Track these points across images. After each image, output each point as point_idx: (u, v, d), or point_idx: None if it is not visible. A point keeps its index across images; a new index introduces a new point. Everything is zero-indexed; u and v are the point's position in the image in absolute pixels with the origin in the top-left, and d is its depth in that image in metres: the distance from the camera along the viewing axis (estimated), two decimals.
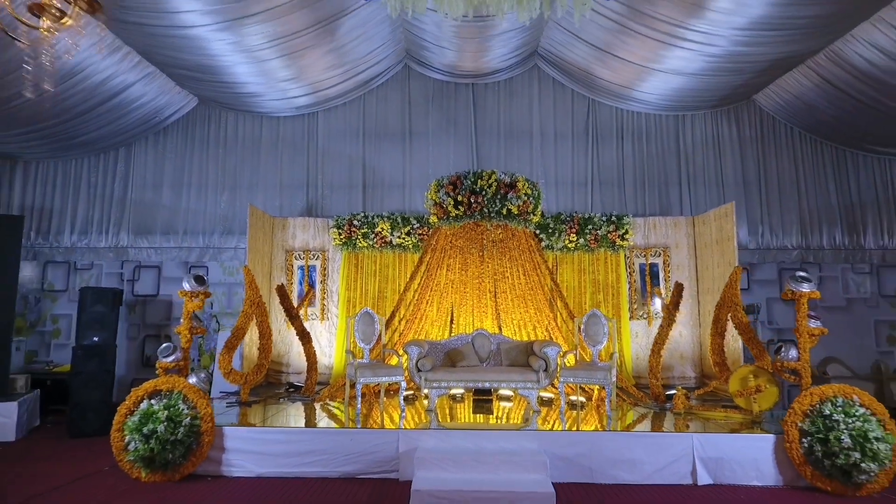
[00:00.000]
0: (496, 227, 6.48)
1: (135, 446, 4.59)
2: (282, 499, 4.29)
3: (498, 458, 4.54)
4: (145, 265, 8.69)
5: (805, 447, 4.50)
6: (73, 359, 6.51)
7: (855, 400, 4.57)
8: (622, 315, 7.59)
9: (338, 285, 7.93)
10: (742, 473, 4.65)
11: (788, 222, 8.50)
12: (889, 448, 4.38)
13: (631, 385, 6.84)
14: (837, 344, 8.15)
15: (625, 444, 4.78)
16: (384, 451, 4.79)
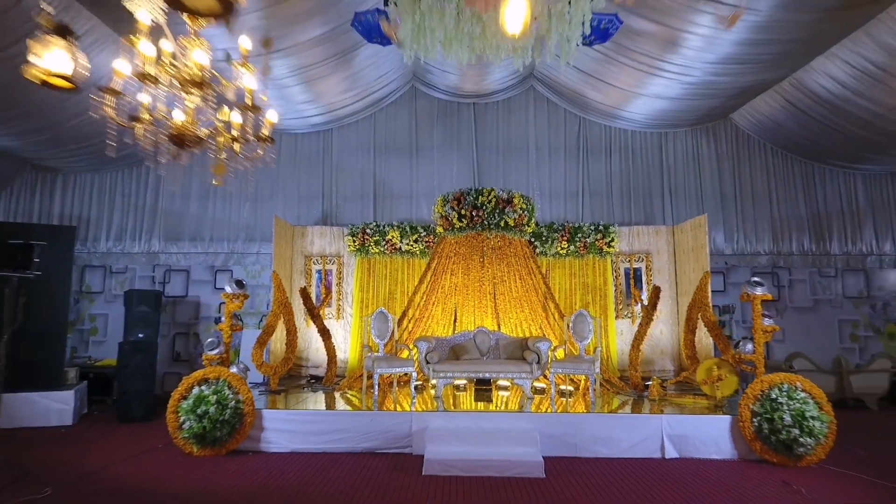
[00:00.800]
0: (495, 237, 7.35)
1: (189, 425, 5.43)
2: (314, 469, 5.12)
3: (496, 435, 5.38)
4: (175, 269, 9.52)
5: (755, 426, 5.34)
6: (120, 353, 7.32)
7: (798, 386, 5.40)
8: (608, 315, 8.41)
9: (352, 287, 8.75)
10: (703, 448, 5.49)
11: (761, 230, 9.33)
12: (824, 426, 5.22)
13: (616, 377, 7.69)
14: (804, 341, 9.04)
15: (604, 424, 5.62)
16: (399, 430, 5.63)
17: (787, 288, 9.30)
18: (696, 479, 4.88)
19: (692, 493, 4.52)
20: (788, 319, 9.19)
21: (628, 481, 4.82)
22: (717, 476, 4.99)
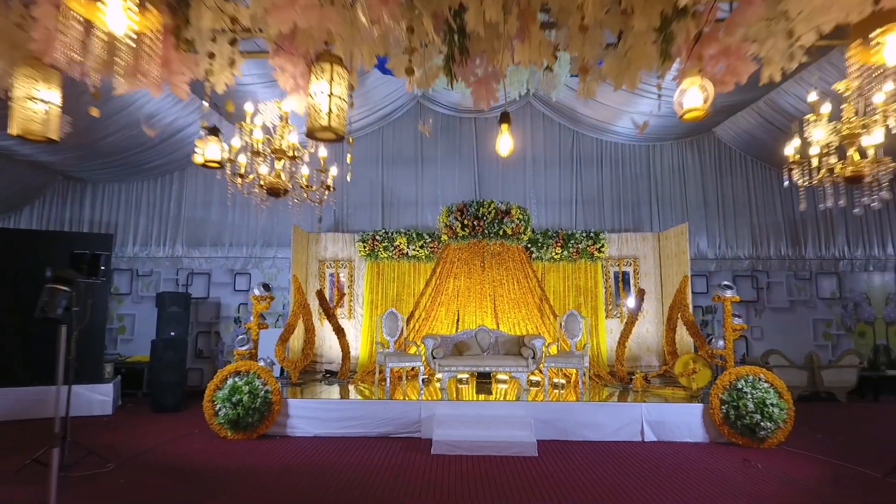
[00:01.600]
0: (494, 244, 8.08)
1: (225, 412, 6.15)
2: (335, 451, 5.84)
3: (495, 421, 6.11)
4: (197, 272, 10.24)
5: (723, 412, 6.06)
6: (153, 350, 8.05)
7: (761, 377, 6.13)
8: (599, 315, 9.14)
9: (363, 290, 9.47)
10: (678, 433, 6.22)
11: (742, 236, 10.06)
12: (783, 412, 5.94)
13: (605, 371, 8.42)
14: (781, 339, 9.77)
15: (591, 412, 6.35)
16: (409, 417, 6.35)
17: (766, 290, 10.03)
18: (671, 459, 5.60)
19: (666, 471, 5.23)
20: (766, 319, 9.93)
21: (611, 461, 5.53)
22: (688, 456, 5.71)
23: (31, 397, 7.22)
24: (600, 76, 2.45)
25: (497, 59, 2.10)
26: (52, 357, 3.05)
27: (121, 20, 1.31)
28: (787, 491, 4.64)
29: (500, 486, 4.71)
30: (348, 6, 1.67)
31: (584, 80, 2.42)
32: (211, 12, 1.65)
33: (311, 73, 1.86)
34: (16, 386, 7.24)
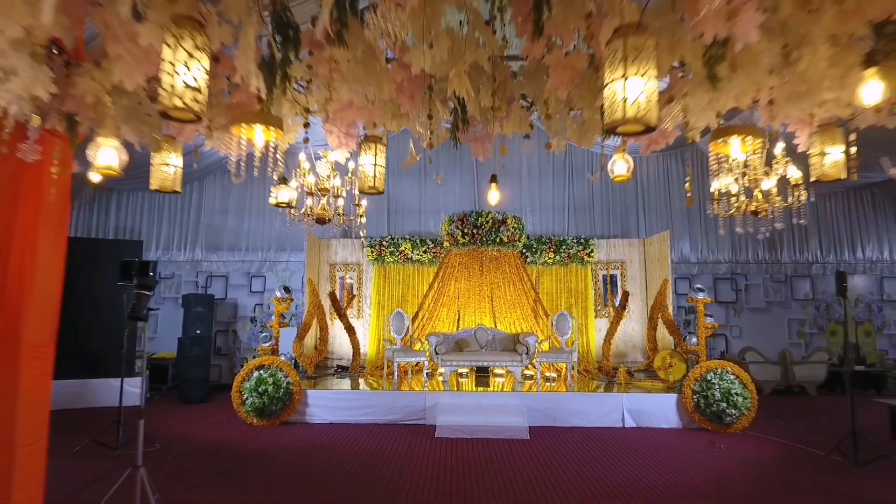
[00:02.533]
0: (492, 250, 8.85)
1: (252, 401, 6.92)
2: (350, 435, 6.60)
3: (492, 409, 6.88)
4: (216, 275, 11.01)
5: (694, 401, 6.83)
6: (180, 347, 8.81)
7: (728, 370, 6.89)
8: (589, 314, 9.90)
9: (370, 291, 10.23)
10: (655, 419, 6.99)
11: (722, 241, 10.83)
12: (747, 401, 6.71)
13: (594, 366, 9.19)
14: (758, 337, 10.54)
15: (578, 401, 7.12)
16: (415, 406, 7.12)
17: (744, 291, 10.80)
18: (647, 442, 6.36)
19: (642, 452, 5.98)
20: (744, 318, 10.70)
21: (594, 443, 6.30)
22: (662, 439, 6.48)
23: (64, 390, 7.98)
24: (566, 138, 3.22)
25: (489, 127, 2.86)
26: (78, 353, 3.72)
27: (261, 137, 2.04)
28: (742, 466, 5.41)
29: (495, 463, 5.47)
30: (387, 102, 2.41)
31: (554, 140, 3.18)
32: (289, 103, 2.39)
33: (361, 148, 2.60)
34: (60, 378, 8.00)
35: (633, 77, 1.40)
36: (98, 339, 8.37)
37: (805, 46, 1.90)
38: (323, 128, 2.74)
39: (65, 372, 8.00)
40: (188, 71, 1.52)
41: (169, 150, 2.78)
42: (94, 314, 8.28)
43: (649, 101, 1.45)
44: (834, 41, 1.86)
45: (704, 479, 4.96)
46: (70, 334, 8.07)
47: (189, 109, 1.53)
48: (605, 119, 1.56)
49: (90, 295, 8.33)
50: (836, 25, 1.79)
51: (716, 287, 10.78)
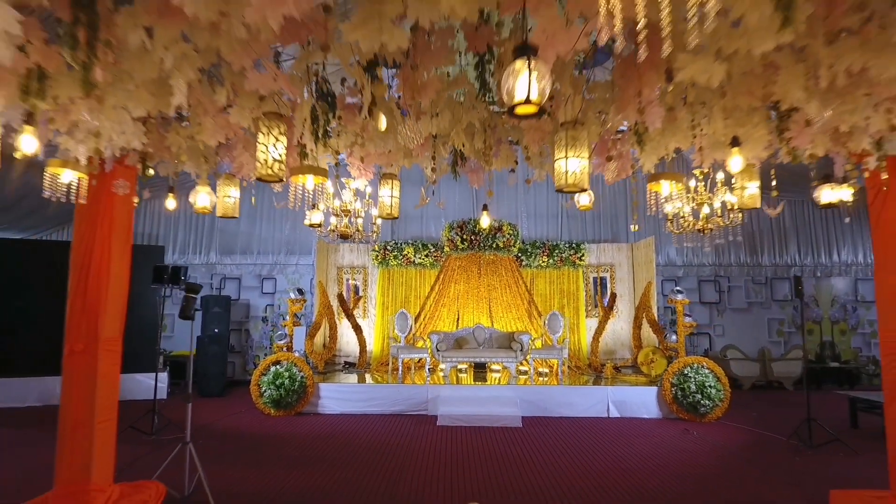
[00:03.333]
0: (489, 255, 9.52)
1: (269, 394, 7.58)
2: (359, 424, 7.27)
3: (488, 400, 7.54)
4: (229, 277, 11.67)
5: (673, 393, 7.50)
6: (199, 344, 9.46)
7: (703, 366, 7.55)
8: (580, 314, 10.57)
9: (375, 292, 10.90)
10: (637, 410, 7.65)
11: (706, 245, 11.47)
12: (720, 393, 7.37)
13: (584, 363, 9.86)
14: (739, 336, 11.20)
15: (567, 394, 7.78)
16: (418, 398, 7.78)
17: (727, 293, 11.47)
18: (628, 430, 7.02)
19: (623, 439, 6.64)
20: (727, 318, 11.37)
21: (581, 431, 6.96)
22: (643, 428, 7.14)
23: None
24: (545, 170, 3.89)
25: (482, 162, 3.52)
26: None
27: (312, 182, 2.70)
28: (711, 449, 6.08)
29: (491, 448, 6.14)
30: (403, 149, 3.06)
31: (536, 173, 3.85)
32: (324, 148, 3.05)
33: (381, 183, 3.28)
34: None
35: (572, 157, 2.05)
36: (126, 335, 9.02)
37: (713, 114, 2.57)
38: (347, 161, 3.40)
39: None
40: (276, 149, 2.17)
41: (229, 184, 3.46)
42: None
43: (582, 173, 2.11)
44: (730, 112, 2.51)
45: (675, 460, 5.63)
46: None
47: (276, 175, 2.18)
48: (555, 183, 2.23)
49: None
50: (730, 101, 2.44)
51: (700, 289, 11.46)
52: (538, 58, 1.54)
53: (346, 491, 4.62)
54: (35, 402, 8.48)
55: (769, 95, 2.33)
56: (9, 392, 8.33)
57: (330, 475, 5.07)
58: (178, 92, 1.96)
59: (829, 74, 1.97)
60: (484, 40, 2.06)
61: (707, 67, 1.81)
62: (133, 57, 2.02)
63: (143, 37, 1.73)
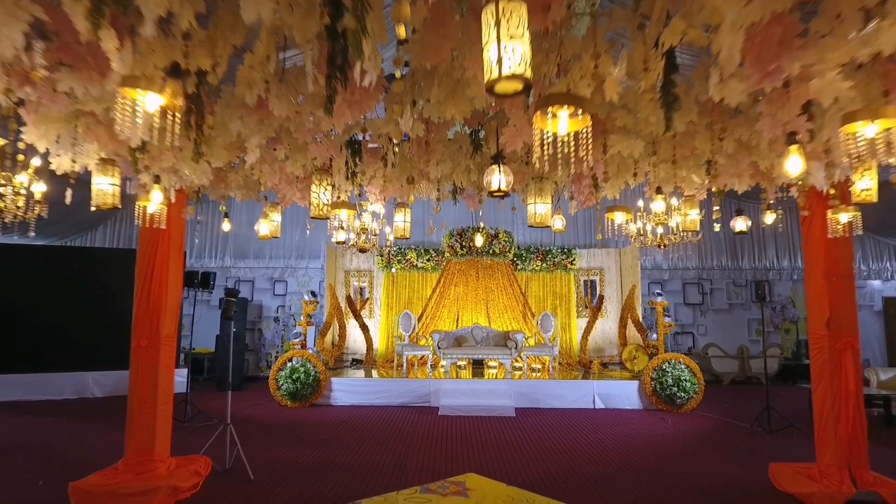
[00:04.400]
0: (486, 260, 10.29)
1: (286, 387, 8.35)
2: (367, 414, 8.03)
3: (485, 393, 8.32)
4: (243, 280, 12.44)
5: (652, 386, 8.27)
6: (217, 342, 10.23)
7: (680, 361, 8.33)
8: (571, 315, 11.34)
9: (380, 294, 11.67)
10: (620, 402, 8.43)
11: (691, 249, 12.26)
12: (694, 386, 8.14)
13: (574, 360, 10.63)
14: (720, 334, 11.98)
15: (556, 387, 8.56)
16: (422, 391, 8.55)
17: (709, 294, 12.25)
18: (611, 419, 7.79)
19: (606, 426, 7.41)
20: (709, 318, 12.15)
21: (568, 420, 7.73)
22: (625, 418, 7.91)
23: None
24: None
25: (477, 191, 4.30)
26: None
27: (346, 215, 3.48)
28: (682, 434, 6.86)
29: (487, 434, 6.90)
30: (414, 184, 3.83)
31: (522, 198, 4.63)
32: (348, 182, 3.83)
33: (396, 209, 4.06)
34: (120, 369, 9.48)
35: (539, 203, 2.81)
36: None
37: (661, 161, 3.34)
38: (367, 189, 4.17)
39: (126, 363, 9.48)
40: (324, 196, 2.94)
41: (274, 211, 4.24)
42: None
43: (546, 214, 2.88)
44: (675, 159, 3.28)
45: (649, 443, 6.41)
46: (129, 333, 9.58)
47: (325, 214, 2.95)
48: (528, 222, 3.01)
49: None
50: (667, 153, 3.21)
51: (684, 291, 12.24)
52: (506, 161, 2.31)
53: (362, 464, 5.40)
54: (70, 395, 9.25)
55: (694, 149, 3.10)
56: (47, 386, 9.10)
57: (347, 453, 5.84)
58: (252, 153, 2.71)
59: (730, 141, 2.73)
60: (476, 120, 2.82)
61: (630, 143, 2.58)
62: (218, 125, 2.78)
63: (239, 125, 2.48)
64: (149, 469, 4.33)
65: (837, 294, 4.41)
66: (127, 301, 9.81)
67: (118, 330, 9.76)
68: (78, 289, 9.87)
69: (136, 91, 1.76)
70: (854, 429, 4.26)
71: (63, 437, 6.65)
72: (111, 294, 9.72)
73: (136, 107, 1.78)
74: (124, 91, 1.76)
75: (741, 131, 2.65)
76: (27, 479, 4.90)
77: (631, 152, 2.64)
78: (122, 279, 10.26)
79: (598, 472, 5.26)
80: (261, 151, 2.85)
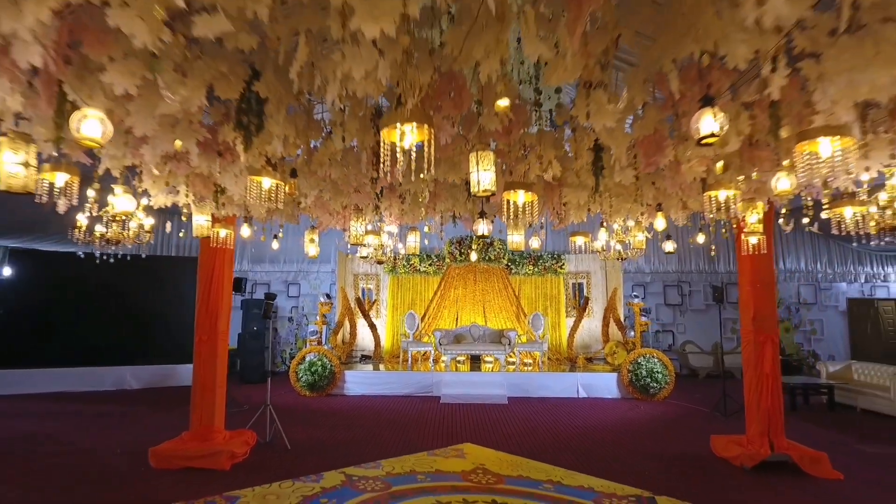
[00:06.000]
0: (483, 266, 11.38)
1: (305, 379, 9.45)
2: (377, 402, 9.12)
3: (481, 384, 9.41)
4: (260, 282, 13.52)
5: (629, 378, 9.36)
6: (240, 340, 11.32)
7: (653, 356, 9.42)
8: (561, 314, 12.42)
9: (386, 296, 12.75)
10: (601, 392, 9.53)
11: (670, 254, 13.32)
12: (666, 377, 9.24)
13: (563, 356, 11.72)
14: (698, 333, 13.06)
15: (545, 379, 9.65)
16: (425, 382, 9.64)
17: (688, 296, 13.34)
18: (592, 406, 8.88)
19: (586, 412, 8.50)
20: (688, 318, 13.25)
21: (554, 407, 8.82)
22: (603, 405, 9.00)
23: (161, 372, 10.57)
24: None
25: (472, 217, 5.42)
26: (169, 344, 6.34)
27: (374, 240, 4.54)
28: (650, 417, 7.96)
29: (482, 419, 7.99)
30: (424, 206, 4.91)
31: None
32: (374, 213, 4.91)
33: (409, 232, 5.17)
34: (151, 364, 10.58)
35: (515, 234, 3.87)
36: (180, 334, 10.91)
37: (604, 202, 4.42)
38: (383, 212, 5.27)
39: (158, 358, 10.59)
40: (360, 227, 4.03)
41: (313, 233, 5.34)
42: (179, 315, 10.86)
43: (521, 242, 3.96)
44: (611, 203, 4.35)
45: (621, 424, 7.50)
46: (161, 331, 10.69)
47: (360, 241, 4.04)
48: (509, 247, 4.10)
49: (172, 300, 10.90)
50: (631, 191, 4.30)
51: (665, 292, 13.34)
52: (487, 214, 3.40)
53: (376, 440, 6.49)
54: (110, 387, 10.33)
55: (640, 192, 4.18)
56: (90, 378, 10.19)
57: (362, 432, 6.93)
58: (309, 198, 3.77)
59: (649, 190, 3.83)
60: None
61: (577, 194, 3.65)
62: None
63: (306, 184, 3.58)
64: (210, 438, 5.41)
65: (760, 298, 5.52)
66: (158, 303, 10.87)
67: (152, 329, 10.88)
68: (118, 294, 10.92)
69: (260, 177, 2.84)
70: (772, 405, 5.36)
71: (117, 419, 7.75)
72: (146, 298, 10.84)
73: (258, 185, 2.86)
74: (252, 178, 2.84)
75: (661, 183, 3.74)
76: (106, 449, 5.99)
77: (578, 199, 3.70)
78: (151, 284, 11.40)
79: (575, 445, 6.36)
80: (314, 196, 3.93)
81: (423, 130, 1.82)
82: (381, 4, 1.46)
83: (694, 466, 5.49)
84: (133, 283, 11.04)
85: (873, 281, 13.45)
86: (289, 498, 4.08)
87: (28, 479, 4.97)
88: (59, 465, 5.44)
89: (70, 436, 6.68)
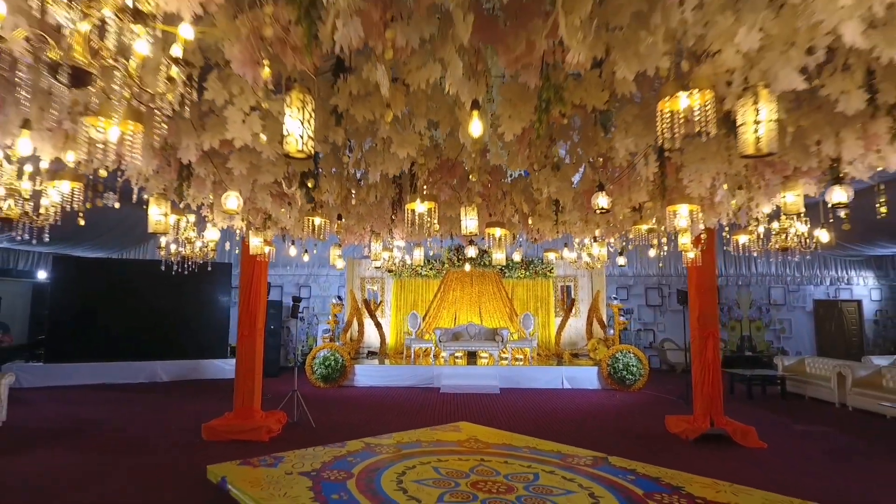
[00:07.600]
0: (479, 270, 12.57)
1: (320, 372, 10.61)
2: (383, 392, 10.28)
3: (477, 376, 10.58)
4: (274, 285, 14.65)
5: (608, 371, 10.54)
6: None
7: (629, 352, 10.59)
8: (550, 314, 13.58)
9: (390, 297, 13.91)
10: (583, 383, 10.70)
11: (652, 259, 14.51)
12: (640, 370, 10.41)
13: (552, 352, 12.90)
14: (677, 331, 14.19)
15: (533, 372, 10.83)
16: (427, 375, 10.81)
17: (668, 297, 14.51)
18: (574, 395, 10.05)
19: (568, 400, 9.67)
20: (667, 317, 14.42)
21: (540, 396, 9.98)
22: (584, 394, 10.18)
23: (188, 366, 11.74)
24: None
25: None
26: (193, 342, 7.61)
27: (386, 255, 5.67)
28: (623, 404, 9.14)
29: (478, 406, 9.15)
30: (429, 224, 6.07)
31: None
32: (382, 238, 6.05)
33: (414, 247, 6.34)
34: (180, 359, 11.75)
35: (497, 252, 5.02)
36: (201, 333, 12.08)
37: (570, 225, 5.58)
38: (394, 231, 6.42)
39: (184, 354, 11.74)
40: (378, 246, 5.18)
41: (337, 249, 6.51)
42: (201, 315, 12.04)
43: (502, 258, 5.12)
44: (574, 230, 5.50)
45: (596, 409, 8.67)
46: (184, 330, 11.85)
47: (378, 258, 5.20)
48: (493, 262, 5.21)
49: (197, 301, 12.07)
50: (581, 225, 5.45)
51: (647, 294, 14.51)
52: (475, 241, 4.56)
53: (384, 422, 7.65)
54: (143, 380, 11.48)
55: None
56: (127, 372, 11.34)
57: (372, 415, 8.10)
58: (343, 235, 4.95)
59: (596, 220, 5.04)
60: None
61: (544, 223, 4.81)
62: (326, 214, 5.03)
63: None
64: (251, 416, 6.58)
65: (704, 300, 6.69)
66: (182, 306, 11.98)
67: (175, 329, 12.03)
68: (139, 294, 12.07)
69: (313, 216, 4.01)
70: (713, 389, 6.53)
71: (162, 405, 8.92)
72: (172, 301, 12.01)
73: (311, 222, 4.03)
74: (308, 217, 4.02)
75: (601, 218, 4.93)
76: (160, 428, 7.16)
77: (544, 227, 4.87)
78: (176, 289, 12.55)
79: (555, 426, 7.53)
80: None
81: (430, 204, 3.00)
82: (407, 139, 2.60)
83: (648, 438, 6.67)
84: (159, 287, 12.17)
85: (838, 284, 14.65)
86: (322, 457, 5.22)
87: (103, 454, 6.13)
88: (126, 438, 6.60)
89: (124, 419, 7.85)
